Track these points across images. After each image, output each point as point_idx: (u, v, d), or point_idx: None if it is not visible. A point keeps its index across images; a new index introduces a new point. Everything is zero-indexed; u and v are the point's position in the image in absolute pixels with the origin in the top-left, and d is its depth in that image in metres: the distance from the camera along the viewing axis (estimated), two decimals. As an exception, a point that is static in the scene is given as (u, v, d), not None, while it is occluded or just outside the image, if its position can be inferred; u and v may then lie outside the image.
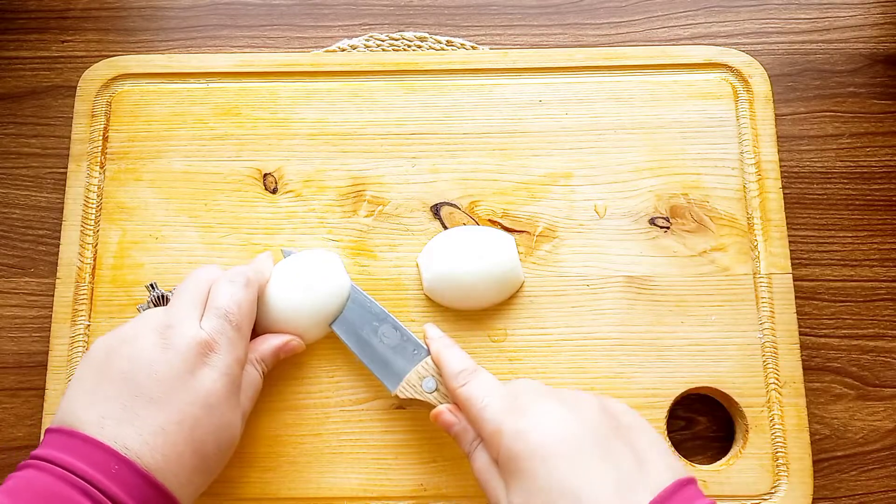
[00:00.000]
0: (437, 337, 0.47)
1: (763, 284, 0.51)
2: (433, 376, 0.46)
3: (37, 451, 0.38)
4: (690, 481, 0.37)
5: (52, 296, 0.52)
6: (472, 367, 0.44)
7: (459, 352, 0.46)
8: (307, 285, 0.48)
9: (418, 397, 0.46)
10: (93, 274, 0.52)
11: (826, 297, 0.54)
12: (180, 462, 0.39)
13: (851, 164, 0.57)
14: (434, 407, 0.45)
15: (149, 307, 0.46)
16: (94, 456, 0.37)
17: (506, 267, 0.50)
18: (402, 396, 0.46)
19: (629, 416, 0.40)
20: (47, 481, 0.36)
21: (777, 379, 0.50)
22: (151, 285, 0.47)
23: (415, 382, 0.46)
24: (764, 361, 0.50)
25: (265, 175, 0.54)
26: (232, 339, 0.43)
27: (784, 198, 0.54)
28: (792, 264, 0.52)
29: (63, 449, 0.37)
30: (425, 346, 0.48)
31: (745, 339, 0.51)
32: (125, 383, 0.40)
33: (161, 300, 0.46)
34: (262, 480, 0.48)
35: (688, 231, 0.53)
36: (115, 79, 0.56)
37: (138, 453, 0.38)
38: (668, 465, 0.37)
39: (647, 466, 0.37)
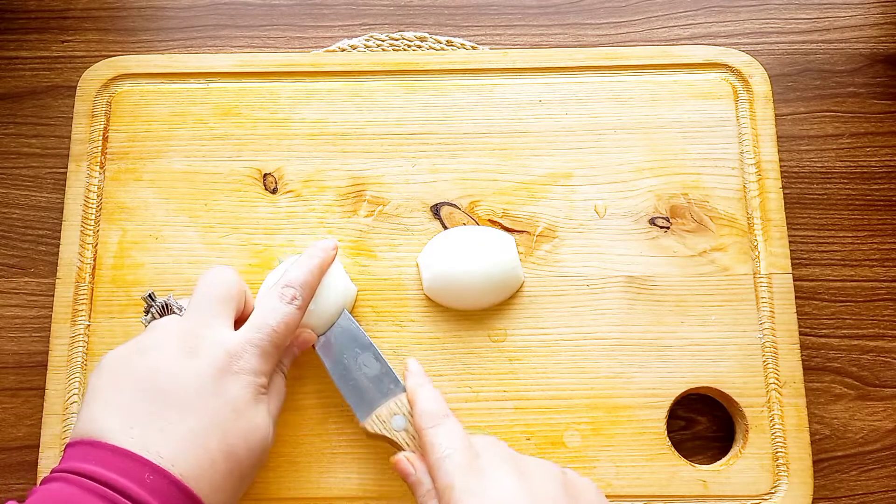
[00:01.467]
0: (415, 372, 0.46)
1: (763, 284, 0.51)
2: (404, 415, 0.45)
3: (61, 465, 0.36)
4: None
5: (52, 296, 0.52)
6: (444, 412, 0.43)
7: (435, 392, 0.44)
8: None
9: (385, 434, 0.45)
10: (93, 274, 0.52)
11: (826, 297, 0.54)
12: (213, 467, 0.37)
13: (851, 164, 0.57)
14: (398, 446, 0.44)
15: (153, 318, 0.44)
16: (125, 465, 0.35)
17: (506, 267, 0.50)
18: (369, 430, 0.45)
19: (590, 496, 0.39)
20: (75, 494, 0.34)
21: (777, 379, 0.50)
22: (150, 296, 0.44)
23: (385, 418, 0.45)
24: (764, 361, 0.50)
25: (265, 175, 0.54)
26: (267, 352, 0.42)
27: (784, 198, 0.54)
28: (792, 264, 0.52)
29: (89, 460, 0.35)
30: (403, 384, 0.46)
31: (745, 339, 0.51)
32: (150, 392, 0.38)
33: (165, 309, 0.44)
34: (262, 480, 0.48)
35: (688, 231, 0.53)
36: (115, 79, 0.56)
37: (172, 460, 0.36)
38: None
39: None
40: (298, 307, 0.44)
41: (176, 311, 0.44)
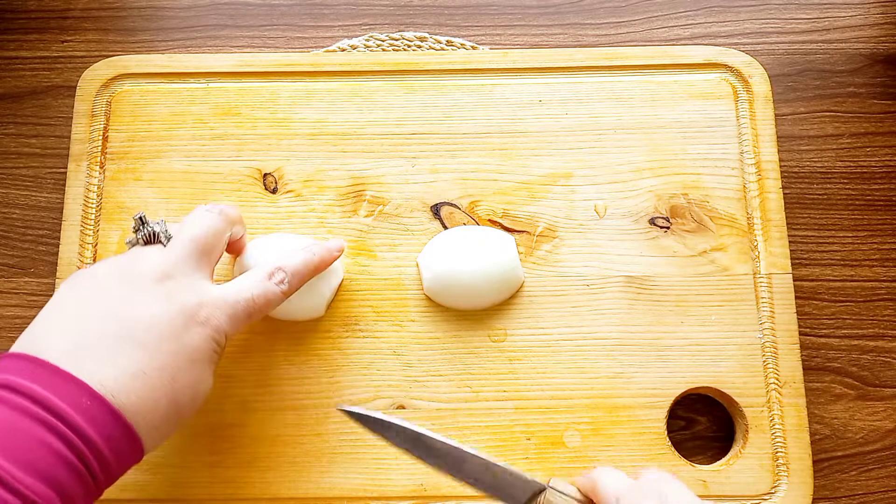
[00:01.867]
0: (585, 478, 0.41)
1: (763, 284, 0.51)
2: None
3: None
4: None
5: (52, 296, 0.52)
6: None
7: (618, 473, 0.41)
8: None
9: None
10: (93, 274, 0.52)
11: (826, 297, 0.54)
12: (155, 408, 0.38)
13: (851, 164, 0.57)
14: None
15: (138, 243, 0.43)
16: (64, 388, 0.35)
17: (506, 267, 0.50)
18: None
19: None
20: (8, 416, 0.34)
21: (777, 379, 0.50)
22: (141, 218, 0.43)
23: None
24: (764, 361, 0.50)
25: (265, 175, 0.54)
26: (238, 318, 0.42)
27: (784, 198, 0.54)
28: (792, 264, 0.52)
29: (26, 376, 0.35)
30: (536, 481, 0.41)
31: (745, 339, 0.51)
32: (111, 320, 0.38)
33: (152, 237, 0.43)
34: (262, 480, 0.48)
35: (688, 231, 0.53)
36: (115, 79, 0.56)
37: (114, 392, 0.36)
38: None
39: None
40: (283, 291, 0.44)
41: (163, 240, 0.43)
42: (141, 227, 0.43)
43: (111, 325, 0.38)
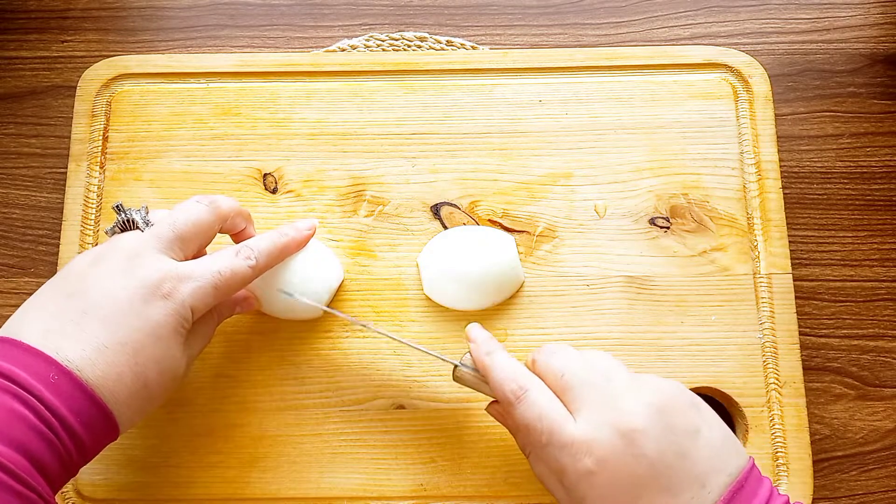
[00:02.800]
0: (482, 340, 0.44)
1: (763, 284, 0.51)
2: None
3: None
4: (747, 475, 0.38)
5: (52, 296, 0.52)
6: (525, 381, 0.41)
7: (510, 360, 0.42)
8: (295, 264, 0.48)
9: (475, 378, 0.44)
10: (93, 274, 0.52)
11: (826, 297, 0.54)
12: (119, 381, 0.39)
13: (851, 164, 0.57)
14: (486, 393, 0.44)
15: (115, 231, 0.44)
16: (34, 365, 0.37)
17: (506, 267, 0.50)
18: (462, 372, 0.44)
19: (691, 416, 0.39)
20: None
21: (777, 379, 0.50)
22: (118, 207, 0.44)
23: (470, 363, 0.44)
24: (764, 361, 0.50)
25: (265, 175, 0.54)
26: (204, 291, 0.42)
27: (784, 198, 0.54)
28: (792, 264, 0.52)
29: (2, 357, 0.37)
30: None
31: (745, 339, 0.51)
32: (78, 299, 0.40)
33: (129, 224, 0.44)
34: (262, 480, 0.48)
35: (688, 231, 0.53)
36: (115, 79, 0.56)
37: (79, 366, 0.38)
38: (726, 467, 0.38)
39: (708, 482, 0.37)
40: (251, 266, 0.44)
41: (141, 226, 0.43)
42: (118, 215, 0.44)
43: (78, 304, 0.40)
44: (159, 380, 0.41)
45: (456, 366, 0.44)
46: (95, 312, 0.39)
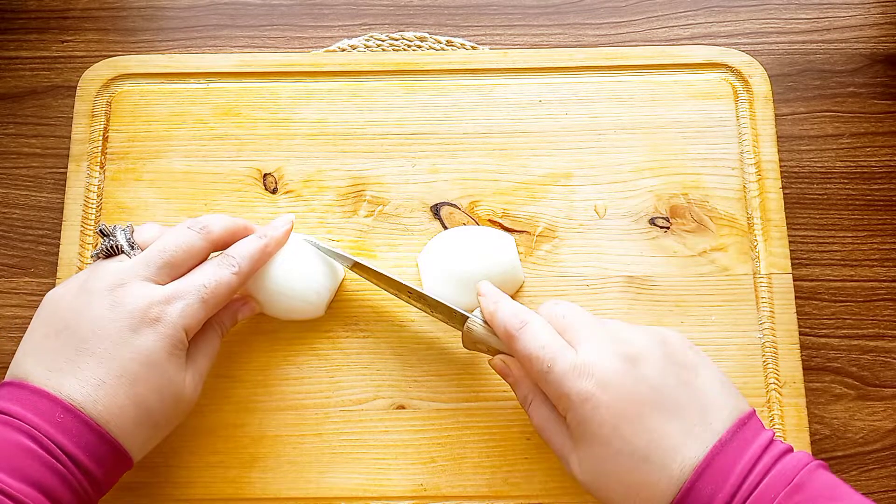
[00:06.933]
0: (489, 293, 0.45)
1: (763, 284, 0.51)
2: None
3: None
4: (749, 417, 0.39)
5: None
6: (523, 317, 0.42)
7: (512, 304, 0.44)
8: (295, 264, 0.48)
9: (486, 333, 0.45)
10: (93, 274, 0.52)
11: (826, 297, 0.54)
12: (122, 414, 0.40)
13: (851, 164, 0.57)
14: (492, 348, 0.45)
15: (99, 256, 0.44)
16: (40, 405, 0.38)
17: (506, 267, 0.50)
18: (473, 328, 0.45)
19: (690, 354, 0.41)
20: None
21: (777, 379, 0.50)
22: (101, 231, 0.44)
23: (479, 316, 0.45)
24: (764, 361, 0.50)
25: (265, 175, 0.54)
26: (193, 308, 0.42)
27: (784, 198, 0.54)
28: (792, 264, 0.52)
29: (12, 399, 0.38)
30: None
31: (745, 339, 0.51)
32: (70, 337, 0.40)
33: (114, 250, 0.44)
34: (262, 480, 0.48)
35: (688, 231, 0.53)
36: (115, 79, 0.56)
37: (81, 404, 0.39)
38: (728, 405, 0.39)
39: (709, 413, 0.38)
40: (235, 273, 0.44)
41: (126, 251, 0.43)
42: (102, 241, 0.44)
43: (70, 340, 0.40)
44: (162, 406, 0.41)
45: (467, 318, 0.45)
46: (89, 348, 0.40)
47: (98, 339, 0.40)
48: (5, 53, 0.60)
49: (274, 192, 0.54)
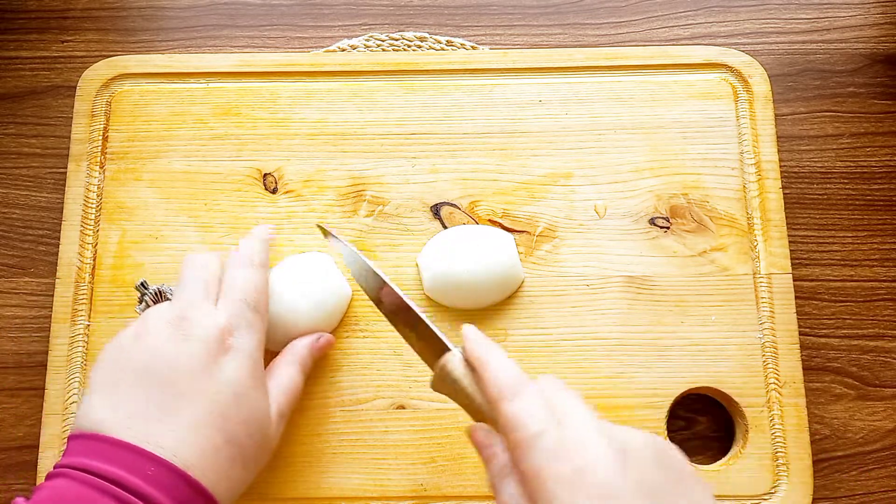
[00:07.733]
0: (478, 339, 0.39)
1: (763, 284, 0.51)
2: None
3: (64, 460, 0.36)
4: None
5: (52, 296, 0.52)
6: (522, 380, 0.37)
7: (508, 360, 0.38)
8: (304, 287, 0.48)
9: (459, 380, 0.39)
10: (92, 274, 0.52)
11: (826, 297, 0.54)
12: (217, 456, 0.37)
13: (851, 164, 0.57)
14: (468, 395, 0.39)
15: (147, 306, 0.45)
16: (126, 459, 0.35)
17: (506, 267, 0.50)
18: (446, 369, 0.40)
19: (687, 468, 0.35)
20: (80, 491, 0.34)
21: (777, 379, 0.50)
22: (143, 284, 0.45)
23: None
24: (764, 361, 0.50)
25: (265, 175, 0.54)
26: (252, 321, 0.42)
27: (784, 198, 0.54)
28: (792, 264, 0.52)
29: (90, 454, 0.35)
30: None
31: (745, 339, 0.51)
32: (147, 380, 0.38)
33: (159, 296, 0.45)
34: (263, 480, 0.48)
35: (688, 231, 0.53)
36: (114, 79, 0.56)
37: (174, 450, 0.36)
38: None
39: None
40: (256, 266, 0.45)
41: (169, 296, 0.44)
42: (145, 291, 0.45)
43: (150, 386, 0.38)
44: (251, 442, 0.39)
45: (449, 351, 0.40)
46: (171, 389, 0.37)
47: (179, 376, 0.38)
48: (5, 53, 0.60)
49: (274, 192, 0.54)
